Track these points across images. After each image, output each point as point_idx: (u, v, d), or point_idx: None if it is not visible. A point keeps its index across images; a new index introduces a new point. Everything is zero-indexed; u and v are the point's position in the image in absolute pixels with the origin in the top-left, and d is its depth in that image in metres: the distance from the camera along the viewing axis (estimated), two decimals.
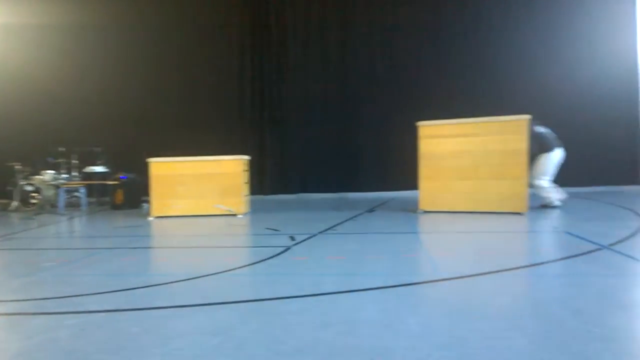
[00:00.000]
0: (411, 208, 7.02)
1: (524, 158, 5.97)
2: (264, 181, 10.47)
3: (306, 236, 4.91)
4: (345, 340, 2.03)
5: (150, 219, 7.08)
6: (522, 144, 5.97)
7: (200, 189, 7.17)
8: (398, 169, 9.47)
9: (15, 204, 9.09)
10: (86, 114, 10.60)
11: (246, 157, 7.52)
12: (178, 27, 10.64)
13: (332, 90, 10.32)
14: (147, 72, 10.66)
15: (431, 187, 6.52)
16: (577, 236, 4.35)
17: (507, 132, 6.05)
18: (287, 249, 4.26)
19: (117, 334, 2.22)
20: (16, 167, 9.29)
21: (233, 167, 7.16)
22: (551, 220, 5.46)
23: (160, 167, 7.18)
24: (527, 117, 5.98)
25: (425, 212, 6.51)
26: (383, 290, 2.78)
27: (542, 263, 3.37)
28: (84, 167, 9.47)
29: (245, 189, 7.34)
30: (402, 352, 1.88)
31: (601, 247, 3.80)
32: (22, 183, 9.11)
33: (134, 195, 8.94)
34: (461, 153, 6.32)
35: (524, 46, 9.58)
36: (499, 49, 9.65)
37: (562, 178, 9.31)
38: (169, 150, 8.08)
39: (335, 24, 10.31)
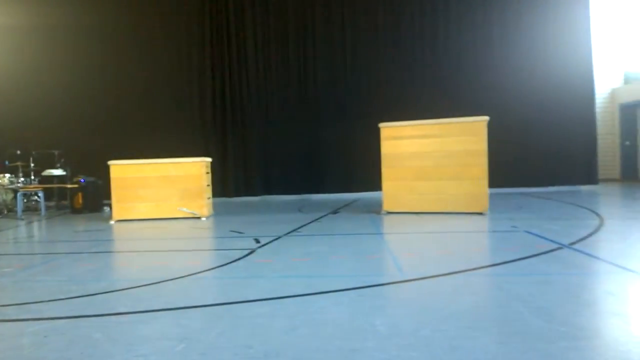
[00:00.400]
0: (375, 209, 7.14)
1: (483, 159, 6.18)
2: (227, 183, 10.39)
3: (271, 238, 4.92)
4: (313, 342, 2.07)
5: (112, 222, 6.91)
6: (481, 144, 6.17)
7: (162, 191, 7.06)
8: (362, 170, 9.62)
9: None
10: (43, 116, 10.26)
11: (208, 159, 7.45)
12: (138, 28, 10.44)
13: (294, 92, 10.36)
14: (106, 73, 10.41)
15: (394, 188, 6.65)
16: (538, 235, 4.54)
17: (467, 133, 6.24)
18: (252, 251, 4.26)
19: (80, 340, 2.18)
20: None
21: (195, 169, 7.08)
22: (511, 220, 5.67)
23: (121, 170, 7.03)
24: (485, 118, 6.19)
25: (389, 213, 6.64)
26: (349, 292, 2.84)
27: (504, 262, 3.49)
28: (42, 170, 9.15)
29: (208, 192, 7.28)
30: (370, 353, 1.93)
31: (562, 246, 3.96)
32: None
33: (94, 198, 8.70)
34: (422, 154, 6.48)
35: (483, 49, 9.90)
36: (460, 52, 9.95)
37: (521, 178, 9.71)
38: (130, 153, 7.94)
39: (295, 25, 10.35)
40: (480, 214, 6.19)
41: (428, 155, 6.47)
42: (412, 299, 2.66)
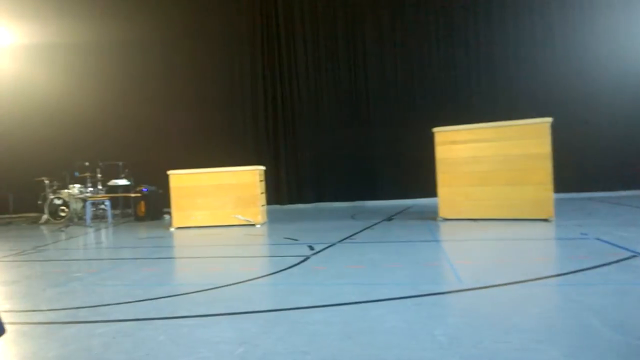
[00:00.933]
0: (431, 216, 6.99)
1: (547, 162, 5.88)
2: (280, 191, 10.53)
3: (325, 245, 4.92)
4: (370, 350, 2.04)
5: (172, 229, 7.18)
6: (544, 147, 5.88)
7: (218, 199, 7.26)
8: (416, 176, 9.45)
9: (45, 217, 9.35)
10: (108, 130, 10.87)
11: (262, 168, 7.59)
12: (190, 41, 10.85)
13: (346, 97, 10.37)
14: (163, 87, 10.89)
15: (450, 194, 6.47)
16: (609, 243, 4.26)
17: (528, 136, 5.97)
18: (307, 258, 4.28)
19: (145, 342, 2.26)
20: (45, 182, 9.57)
21: (249, 177, 7.23)
22: (580, 227, 5.36)
23: (179, 179, 7.30)
24: (548, 120, 5.90)
25: (445, 219, 6.47)
26: (405, 300, 2.78)
27: (574, 272, 3.28)
28: (108, 180, 9.68)
29: (262, 199, 7.40)
30: None
31: (636, 254, 3.69)
32: (51, 197, 9.36)
33: (155, 206, 9.09)
34: (480, 159, 6.27)
35: (543, 48, 9.49)
36: (517, 50, 9.58)
37: (588, 182, 9.15)
38: (188, 162, 8.21)
39: (346, 29, 10.37)
40: (546, 220, 5.90)
41: (486, 159, 6.26)
42: (473, 309, 2.57)
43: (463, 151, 6.36)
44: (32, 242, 6.45)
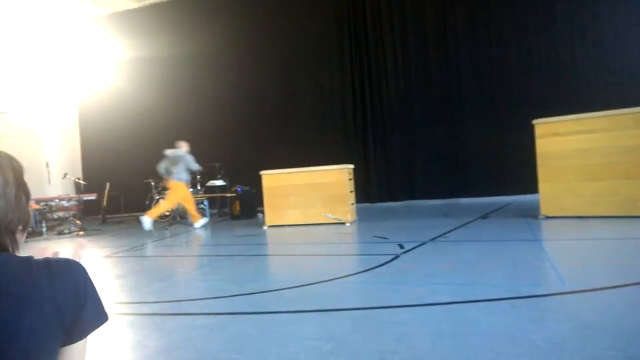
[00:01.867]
0: (531, 213, 6.53)
1: None
2: (370, 189, 10.47)
3: (415, 244, 4.81)
4: (461, 353, 1.96)
5: (265, 228, 7.46)
6: None
7: (309, 198, 7.40)
8: (514, 171, 8.88)
9: None
10: (205, 134, 11.53)
11: (350, 166, 7.61)
12: (279, 44, 11.13)
13: (437, 91, 10.02)
14: (254, 91, 11.30)
15: (553, 190, 5.99)
16: None
17: None
18: (396, 257, 4.22)
19: (240, 335, 2.38)
20: (152, 183, 10.44)
21: (338, 176, 7.28)
22: None
23: (271, 179, 7.56)
24: None
25: (548, 217, 6.01)
26: (501, 302, 2.63)
27: None
28: (206, 181, 10.30)
29: (351, 198, 7.42)
30: None
31: None
32: (157, 197, 10.17)
33: (249, 206, 9.50)
34: (587, 151, 5.73)
35: None
36: (628, 31, 8.64)
37: None
38: (279, 163, 8.46)
39: (433, 21, 10.03)
40: None
41: (594, 152, 5.70)
42: (577, 313, 2.36)
43: (568, 143, 5.85)
44: (141, 240, 7.06)
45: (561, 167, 5.93)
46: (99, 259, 5.29)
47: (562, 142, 5.89)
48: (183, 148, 8.53)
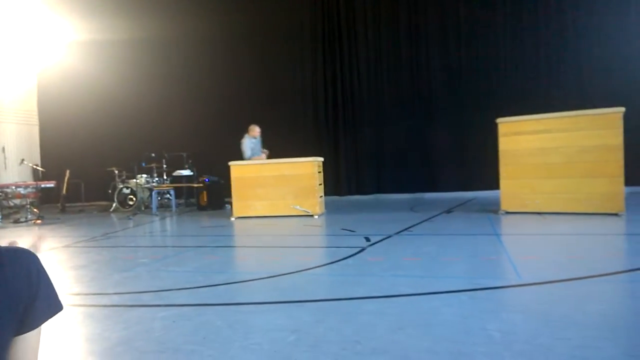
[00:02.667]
0: (492, 209, 6.75)
1: (619, 154, 5.50)
2: (339, 182, 10.55)
3: (382, 237, 4.90)
4: (421, 342, 2.02)
5: (232, 219, 7.42)
6: (617, 139, 5.50)
7: (277, 190, 7.39)
8: (478, 168, 9.13)
9: (114, 205, 9.96)
10: (172, 122, 11.34)
11: (320, 159, 7.65)
12: (252, 36, 11.02)
13: (407, 88, 10.16)
14: (224, 81, 11.16)
15: (514, 187, 6.21)
16: None
17: (600, 127, 5.61)
18: (363, 249, 4.29)
19: (204, 326, 2.37)
20: (115, 171, 10.20)
21: (308, 168, 7.30)
22: None
23: (240, 170, 7.51)
24: (621, 109, 5.50)
25: (508, 213, 6.23)
26: (460, 294, 2.72)
27: None
28: (173, 171, 10.14)
29: (320, 190, 7.46)
30: (480, 358, 1.84)
31: None
32: (120, 186, 9.95)
33: (217, 196, 9.42)
34: (546, 150, 5.96)
35: (617, 38, 8.81)
36: (592, 40, 8.96)
37: None
38: None
39: (406, 18, 10.14)
40: (615, 215, 5.53)
41: (553, 151, 5.94)
42: (530, 305, 2.47)
43: (529, 142, 6.07)
44: (102, 229, 6.90)
45: (522, 165, 6.14)
46: (57, 249, 5.15)
47: (524, 140, 6.10)
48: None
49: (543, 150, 6.00)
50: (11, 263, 0.85)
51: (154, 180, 9.74)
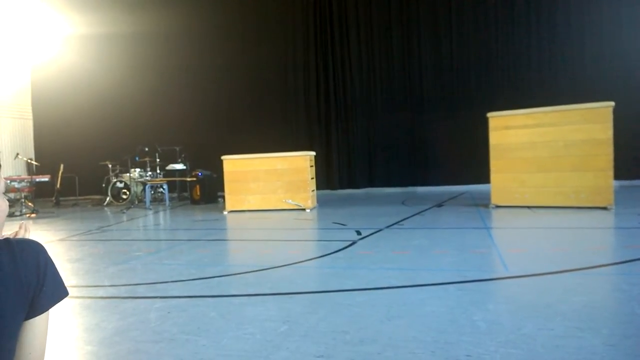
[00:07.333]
0: (483, 203, 6.83)
1: (609, 148, 5.59)
2: (331, 176, 10.60)
3: (372, 231, 4.96)
4: (408, 332, 2.09)
5: (225, 213, 7.45)
6: (606, 133, 5.58)
7: (270, 184, 7.44)
8: (469, 162, 9.22)
9: (108, 199, 9.96)
10: (165, 117, 11.32)
11: (312, 153, 7.69)
12: (242, 27, 11.01)
13: (399, 83, 10.21)
14: (217, 75, 11.14)
15: (504, 181, 6.29)
16: None
17: (590, 121, 5.68)
18: (354, 243, 4.35)
19: (198, 317, 2.43)
20: (109, 165, 10.19)
21: (299, 162, 7.35)
22: None
23: (233, 164, 7.54)
24: (611, 103, 5.58)
25: (498, 206, 6.31)
26: (448, 286, 2.79)
27: (628, 261, 3.16)
28: (166, 165, 10.14)
29: (312, 184, 7.51)
30: (465, 346, 1.90)
31: None
32: (114, 180, 9.94)
33: (210, 190, 9.44)
34: (536, 144, 6.04)
35: (609, 32, 8.90)
36: (584, 34, 9.04)
37: None
38: (241, 148, 8.43)
39: (398, 14, 10.16)
40: (604, 208, 5.62)
41: (543, 145, 6.01)
42: (516, 296, 2.55)
43: (519, 137, 6.14)
44: (96, 223, 6.92)
45: (512, 159, 6.22)
46: (52, 242, 5.17)
47: (514, 134, 6.18)
48: None
49: (533, 144, 6.07)
50: (21, 253, 0.91)
51: (148, 174, 9.75)
